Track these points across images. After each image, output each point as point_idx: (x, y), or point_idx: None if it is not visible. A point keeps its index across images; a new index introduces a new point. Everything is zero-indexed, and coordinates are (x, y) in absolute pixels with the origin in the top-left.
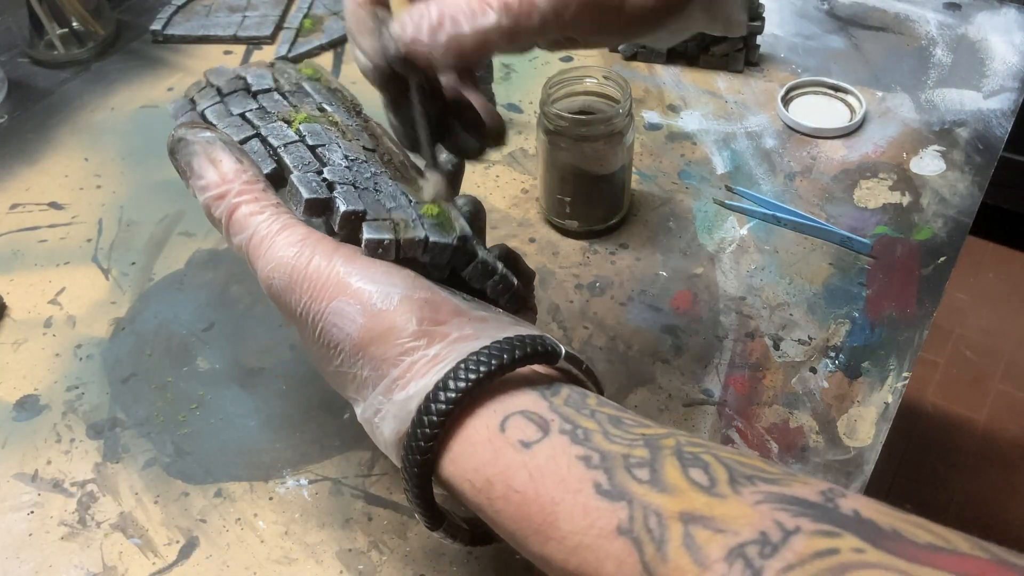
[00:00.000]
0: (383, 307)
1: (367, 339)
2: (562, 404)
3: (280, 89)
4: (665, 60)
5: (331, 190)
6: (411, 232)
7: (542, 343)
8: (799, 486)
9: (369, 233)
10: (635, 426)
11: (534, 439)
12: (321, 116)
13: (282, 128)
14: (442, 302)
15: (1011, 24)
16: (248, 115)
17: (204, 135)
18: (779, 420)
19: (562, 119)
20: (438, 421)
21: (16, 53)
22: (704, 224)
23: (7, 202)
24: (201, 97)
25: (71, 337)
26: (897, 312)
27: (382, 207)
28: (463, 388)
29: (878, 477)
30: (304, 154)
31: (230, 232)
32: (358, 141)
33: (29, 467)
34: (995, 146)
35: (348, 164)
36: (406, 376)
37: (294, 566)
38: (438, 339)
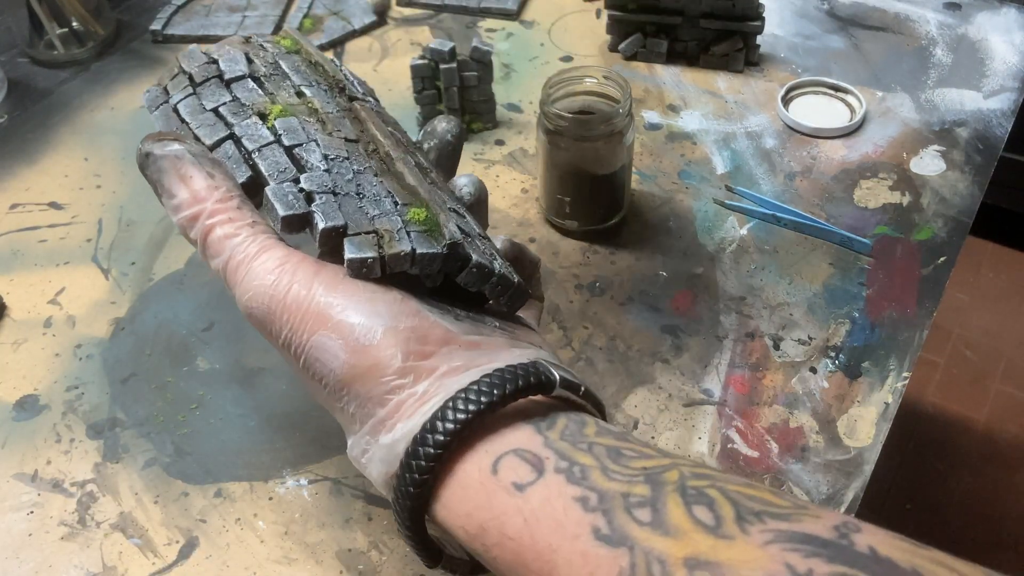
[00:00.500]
0: (366, 342)
1: (350, 376)
2: (558, 439)
3: (255, 74)
4: (665, 60)
5: (309, 202)
6: (396, 246)
7: (535, 373)
8: (811, 521)
9: (351, 252)
10: (636, 458)
11: (528, 480)
12: (299, 103)
13: (257, 127)
14: (430, 329)
15: (1011, 24)
16: (222, 110)
17: (172, 148)
18: (779, 420)
19: (562, 119)
20: (427, 466)
21: (16, 53)
22: (704, 224)
23: (7, 202)
24: (174, 87)
25: (71, 337)
26: (897, 312)
27: (365, 216)
28: (451, 430)
29: (878, 477)
30: (280, 159)
31: (206, 255)
32: (339, 132)
33: (29, 467)
34: (995, 146)
35: (328, 166)
36: (393, 417)
37: (294, 566)
38: (425, 375)
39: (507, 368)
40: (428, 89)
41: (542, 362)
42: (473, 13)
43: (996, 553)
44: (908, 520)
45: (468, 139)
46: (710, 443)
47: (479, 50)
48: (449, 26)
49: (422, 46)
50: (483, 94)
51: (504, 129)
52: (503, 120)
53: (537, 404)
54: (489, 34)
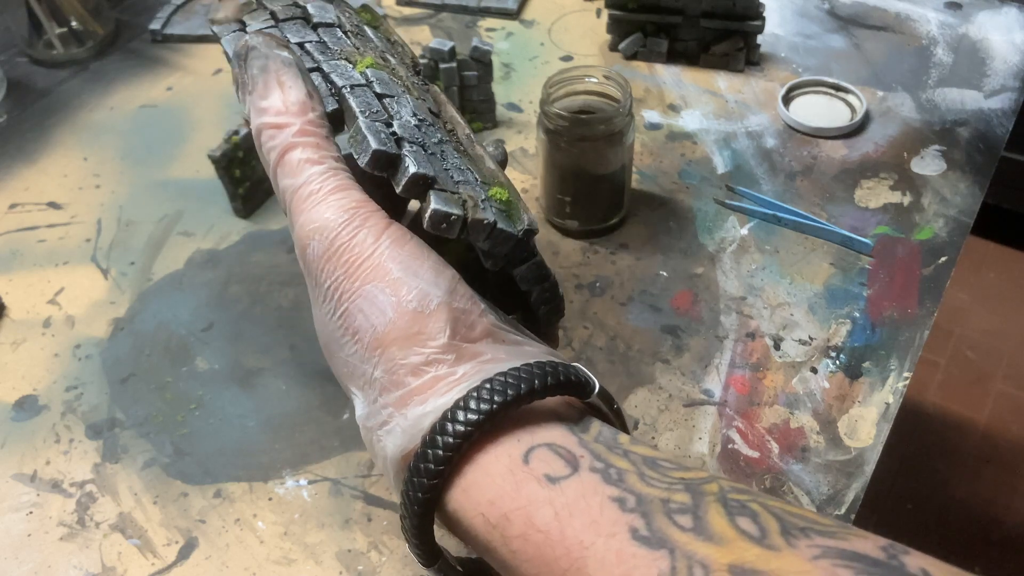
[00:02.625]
0: (419, 308)
1: (391, 337)
2: (592, 441)
3: (343, 27)
4: (665, 59)
5: (399, 146)
6: (480, 213)
7: (576, 373)
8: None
9: (437, 203)
10: (673, 469)
11: (562, 474)
12: (384, 65)
13: (347, 68)
14: (479, 317)
15: (1012, 23)
16: (308, 46)
17: (282, 53)
18: (780, 420)
19: (562, 119)
20: (454, 443)
21: (15, 52)
22: (704, 224)
23: (6, 202)
24: (252, 19)
25: (70, 337)
26: (898, 312)
27: (450, 179)
28: (486, 411)
29: (879, 477)
30: (372, 101)
31: (278, 173)
32: (423, 102)
33: (28, 467)
34: (996, 146)
35: (417, 123)
36: (426, 391)
37: (293, 567)
38: (467, 358)
39: (548, 363)
40: None
41: (582, 368)
42: (473, 13)
43: (996, 553)
44: (908, 520)
45: None
46: (710, 443)
47: (479, 50)
48: (449, 26)
49: (422, 46)
50: (483, 94)
51: (504, 129)
52: (503, 120)
53: (571, 408)
54: (489, 34)
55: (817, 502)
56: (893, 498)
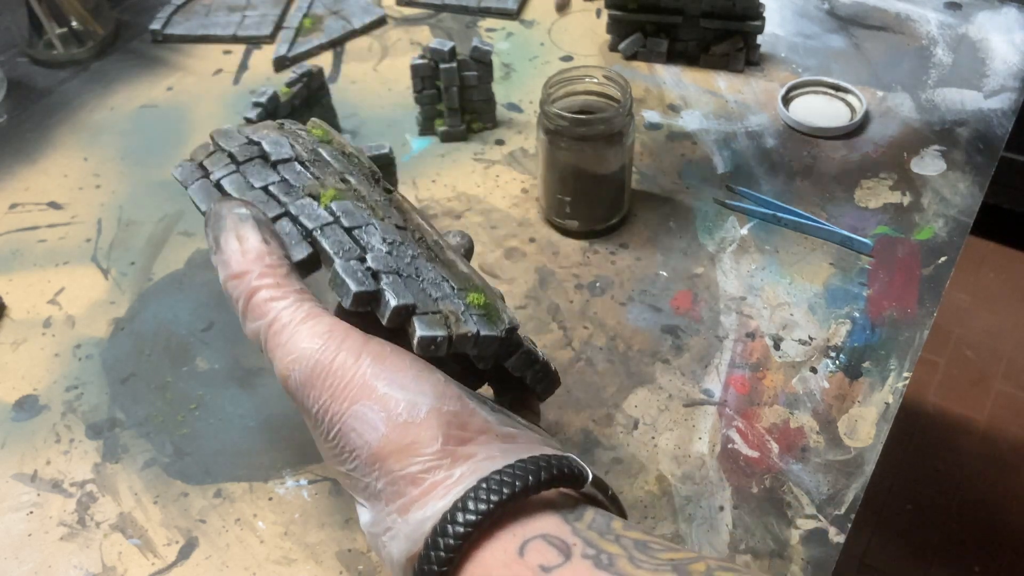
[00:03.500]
0: (409, 419)
1: (386, 451)
2: (585, 528)
3: (300, 158)
4: (665, 60)
5: (376, 280)
6: (463, 327)
7: (568, 465)
8: None
9: (422, 330)
10: (662, 551)
11: (554, 564)
12: (346, 189)
13: (312, 207)
14: (470, 416)
15: (1012, 24)
16: (272, 189)
17: (239, 211)
18: (779, 420)
19: (562, 119)
20: (454, 544)
21: (15, 53)
22: (704, 224)
23: (6, 202)
24: (213, 164)
25: (70, 337)
26: (898, 312)
27: (429, 297)
28: (483, 511)
29: (878, 477)
30: (342, 238)
31: (247, 317)
32: (389, 219)
33: (28, 467)
34: (996, 146)
35: (388, 249)
36: (426, 496)
37: (294, 566)
38: (462, 460)
39: (542, 458)
40: (428, 89)
41: (574, 457)
42: (473, 13)
43: (996, 553)
44: (908, 520)
45: (468, 139)
46: (710, 443)
47: (479, 50)
48: (449, 26)
49: (422, 46)
50: (483, 94)
51: (504, 129)
52: (503, 120)
53: (566, 497)
54: (489, 34)
55: (817, 502)
56: (893, 498)
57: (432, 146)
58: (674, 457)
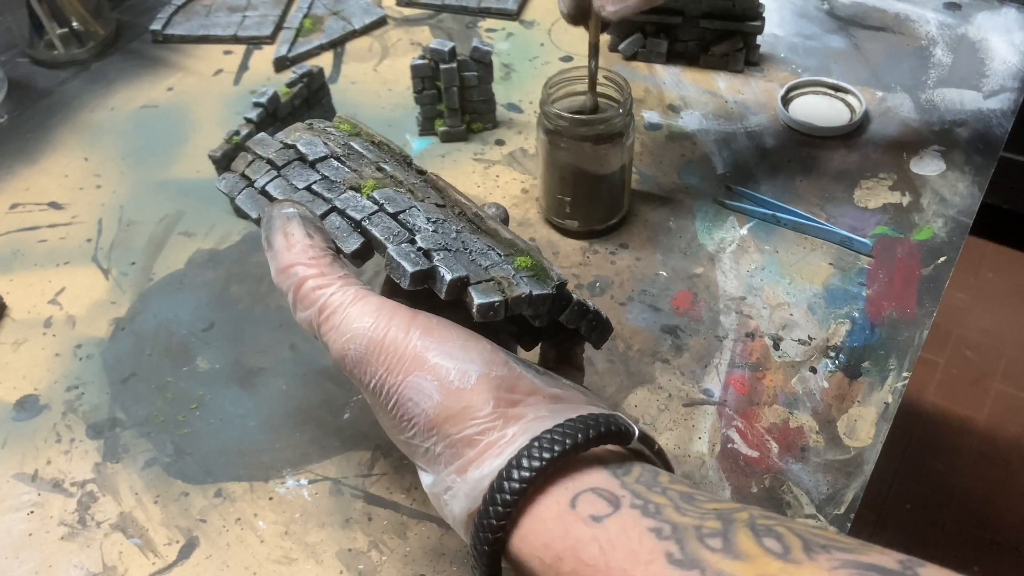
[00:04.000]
0: (460, 385)
1: (443, 417)
2: (633, 482)
3: (335, 155)
4: (665, 60)
5: (429, 258)
6: (516, 289)
7: (615, 423)
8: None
9: (479, 298)
10: (707, 501)
11: (605, 513)
12: (384, 177)
13: (356, 199)
14: (518, 379)
15: (1011, 24)
16: (315, 187)
17: (287, 210)
18: (779, 420)
19: (562, 119)
20: (511, 500)
21: (16, 53)
22: (704, 224)
23: (7, 202)
24: (254, 172)
25: (71, 337)
26: (897, 312)
27: (479, 267)
28: (536, 467)
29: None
30: (390, 224)
31: (297, 306)
32: (429, 199)
33: (29, 467)
34: (995, 146)
35: (434, 228)
36: (482, 456)
37: (294, 566)
38: (513, 420)
39: (589, 416)
40: (428, 89)
41: (621, 416)
42: (473, 13)
43: (996, 553)
44: (908, 520)
45: (468, 139)
46: (710, 443)
47: (479, 50)
48: (449, 26)
49: (422, 46)
50: (483, 94)
51: (504, 129)
52: (503, 120)
53: (613, 453)
54: (489, 34)
55: (816, 501)
56: (892, 498)
57: (432, 146)
58: (674, 457)
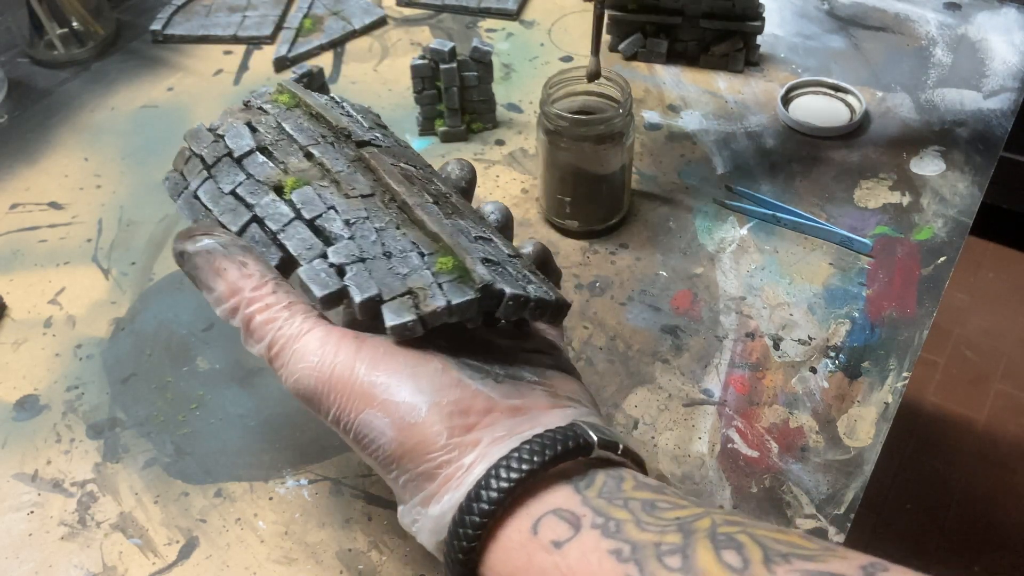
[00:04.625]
0: (412, 420)
1: (399, 453)
2: (595, 496)
3: (261, 144)
4: (665, 60)
5: (341, 275)
6: (431, 303)
7: (573, 437)
8: (838, 562)
9: (391, 320)
10: (670, 509)
11: (565, 538)
12: (310, 166)
13: (276, 205)
14: (472, 400)
15: (1011, 24)
16: (239, 191)
17: (203, 243)
18: (779, 420)
19: (562, 119)
20: (473, 534)
21: (16, 53)
22: (704, 224)
23: (7, 202)
24: (189, 172)
25: (71, 337)
26: (897, 312)
27: (396, 277)
28: (494, 499)
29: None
30: (304, 234)
31: (249, 343)
32: (354, 190)
33: (29, 467)
34: (995, 146)
35: (351, 232)
36: (441, 490)
37: (294, 566)
38: (470, 448)
39: (546, 434)
40: (428, 89)
41: (580, 424)
42: (473, 13)
43: (996, 553)
44: (908, 520)
45: (468, 139)
46: (710, 443)
47: (479, 50)
48: (449, 26)
49: (422, 46)
50: (483, 94)
51: (504, 129)
52: (503, 120)
53: (577, 464)
54: (489, 34)
55: (816, 502)
56: (892, 498)
57: (432, 146)
58: (674, 457)
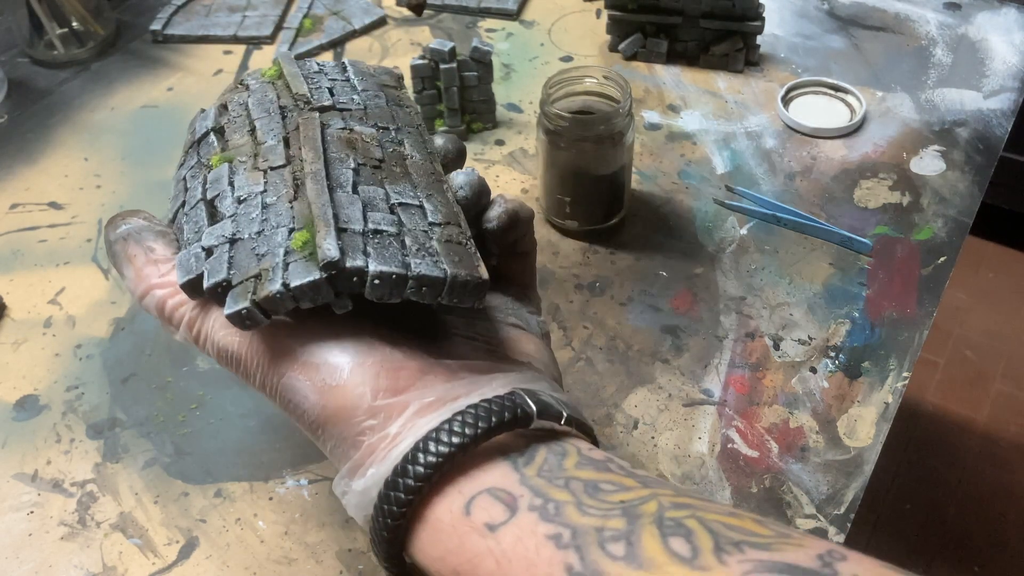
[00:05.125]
0: (333, 383)
1: (323, 417)
2: (535, 475)
3: (218, 125)
4: (665, 60)
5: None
6: (267, 287)
7: (511, 408)
8: (792, 550)
9: (228, 307)
10: (614, 491)
11: (500, 520)
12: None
13: (196, 188)
14: (403, 360)
15: (1011, 24)
16: (187, 175)
17: (120, 230)
18: (779, 420)
19: (562, 119)
20: (398, 512)
21: (16, 53)
22: (704, 224)
23: (7, 202)
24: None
25: (71, 337)
26: (897, 312)
27: (254, 258)
28: (422, 475)
29: (878, 477)
30: (199, 216)
31: (168, 328)
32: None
33: (29, 467)
34: (995, 146)
35: (235, 210)
36: (365, 461)
37: (294, 566)
38: (396, 413)
39: (481, 404)
40: (428, 89)
41: (520, 392)
42: (473, 13)
43: (996, 553)
44: (908, 520)
45: (468, 139)
46: (710, 443)
47: (479, 50)
48: (449, 26)
49: (422, 46)
50: (483, 94)
51: (504, 129)
52: (503, 120)
53: (516, 436)
54: (489, 34)
55: (816, 502)
56: (892, 498)
57: None
58: (674, 457)
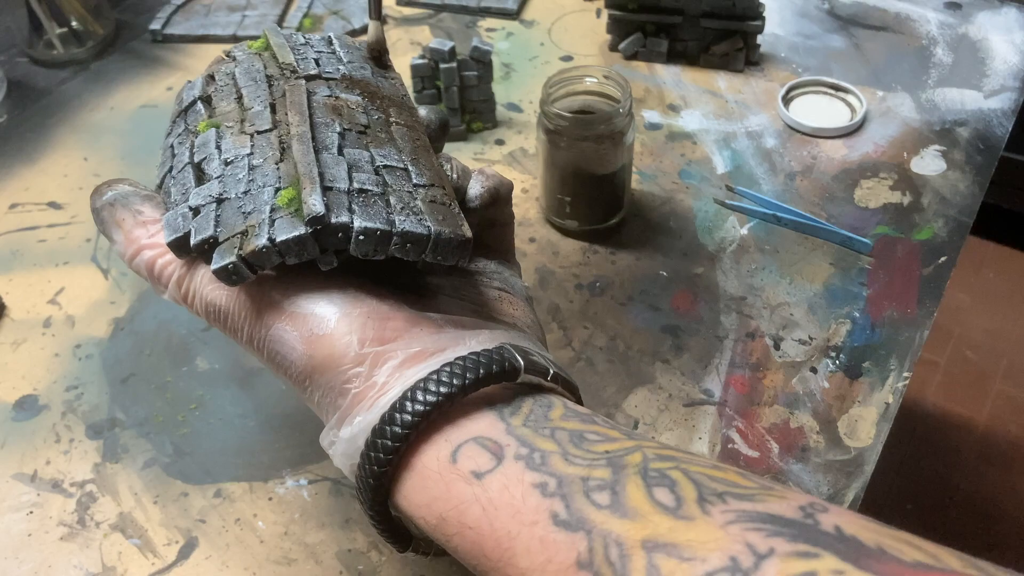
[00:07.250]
0: (320, 332)
1: (310, 367)
2: (520, 425)
3: (206, 94)
4: (665, 60)
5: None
6: (253, 241)
7: (498, 360)
8: (775, 501)
9: (215, 262)
10: (599, 441)
11: (487, 468)
12: (234, 109)
13: (183, 154)
14: (391, 311)
15: (1012, 24)
16: (175, 143)
17: (106, 196)
18: (779, 420)
19: (562, 119)
20: (385, 459)
21: (15, 53)
22: (704, 224)
23: (6, 202)
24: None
25: (70, 337)
26: (898, 312)
27: (241, 215)
28: (408, 422)
29: (879, 477)
30: (187, 179)
31: (158, 288)
32: (252, 126)
33: (28, 467)
34: (996, 146)
35: (222, 171)
36: (353, 410)
37: (294, 566)
38: (383, 362)
39: (469, 356)
40: (428, 89)
41: (507, 347)
42: (473, 13)
43: (996, 553)
44: (908, 520)
45: (468, 139)
46: (710, 443)
47: (479, 50)
48: (449, 26)
49: (422, 46)
50: (483, 94)
51: (504, 129)
52: (503, 120)
53: (503, 389)
54: (489, 34)
55: None
56: (893, 498)
57: None
58: None
